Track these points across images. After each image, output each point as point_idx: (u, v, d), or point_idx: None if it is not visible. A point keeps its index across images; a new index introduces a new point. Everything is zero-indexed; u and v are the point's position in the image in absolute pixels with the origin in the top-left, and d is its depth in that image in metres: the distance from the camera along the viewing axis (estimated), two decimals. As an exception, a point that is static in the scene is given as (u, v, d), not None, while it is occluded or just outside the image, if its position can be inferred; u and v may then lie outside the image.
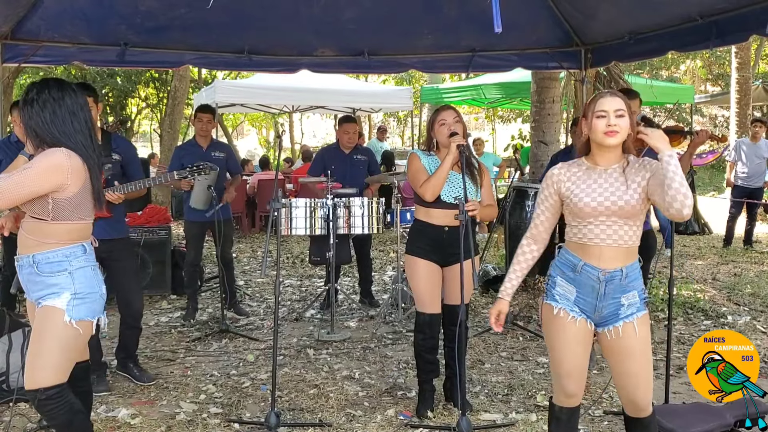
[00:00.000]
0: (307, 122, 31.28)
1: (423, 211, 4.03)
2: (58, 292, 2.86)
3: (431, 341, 4.06)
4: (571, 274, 2.85)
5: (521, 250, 2.99)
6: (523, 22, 6.11)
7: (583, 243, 2.82)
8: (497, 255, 8.25)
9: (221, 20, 5.86)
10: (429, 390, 4.13)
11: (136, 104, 20.61)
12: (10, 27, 5.57)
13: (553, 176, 2.90)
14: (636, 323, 2.82)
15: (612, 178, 2.80)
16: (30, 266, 2.88)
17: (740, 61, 14.71)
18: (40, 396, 2.84)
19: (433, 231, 3.97)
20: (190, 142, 6.34)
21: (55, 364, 2.87)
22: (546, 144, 7.51)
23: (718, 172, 18.31)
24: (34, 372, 2.85)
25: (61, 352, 2.87)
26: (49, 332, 2.85)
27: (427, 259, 3.98)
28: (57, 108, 2.89)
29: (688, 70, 25.23)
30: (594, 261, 2.80)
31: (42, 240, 2.86)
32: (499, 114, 22.65)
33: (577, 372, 2.89)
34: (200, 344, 5.48)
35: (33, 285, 2.90)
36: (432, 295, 4.00)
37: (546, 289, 2.95)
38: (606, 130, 2.74)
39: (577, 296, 2.84)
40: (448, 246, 3.90)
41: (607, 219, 2.77)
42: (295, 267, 8.73)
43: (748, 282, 7.49)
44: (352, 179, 6.37)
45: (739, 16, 4.73)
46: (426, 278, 3.99)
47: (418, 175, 3.98)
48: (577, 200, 2.80)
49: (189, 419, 4.02)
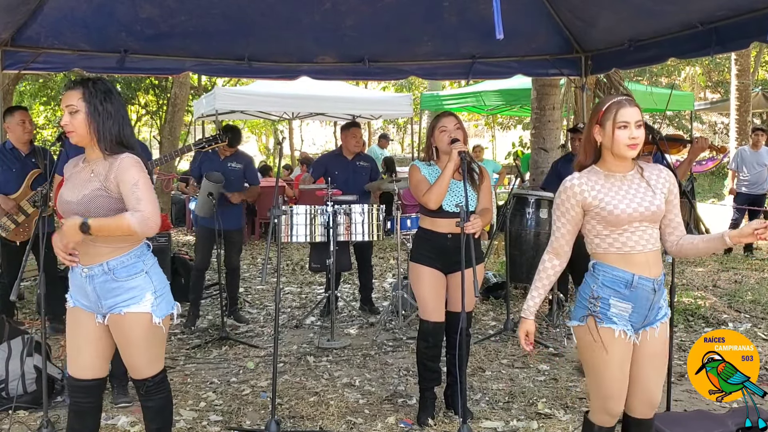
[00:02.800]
0: (306, 129, 31.28)
1: (428, 221, 4.04)
2: (139, 295, 2.87)
3: (434, 350, 4.05)
4: (626, 292, 2.75)
5: (543, 266, 2.89)
6: (523, 29, 6.12)
7: (626, 253, 2.75)
8: (497, 262, 8.23)
9: (221, 27, 5.88)
10: (430, 398, 4.12)
11: (136, 111, 20.59)
12: (10, 34, 5.58)
13: (574, 187, 2.78)
14: (667, 323, 2.86)
15: (635, 183, 2.78)
16: (105, 274, 2.84)
17: (740, 68, 14.74)
18: (149, 384, 3.00)
19: (437, 239, 3.97)
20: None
21: (153, 358, 2.99)
22: (546, 151, 7.51)
23: (718, 179, 18.31)
24: (140, 370, 2.98)
25: (156, 347, 2.99)
26: (142, 337, 2.91)
27: (431, 266, 3.98)
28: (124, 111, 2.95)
29: (688, 77, 25.25)
30: (645, 271, 2.75)
31: (117, 245, 2.84)
32: (498, 121, 22.65)
33: (624, 392, 2.84)
34: (200, 351, 5.46)
35: (107, 293, 2.86)
36: (436, 303, 3.99)
37: (597, 312, 2.77)
38: (629, 142, 2.70)
39: (632, 312, 2.77)
40: (452, 254, 3.86)
41: (641, 224, 2.74)
42: (295, 274, 8.72)
43: (749, 289, 7.48)
44: (355, 186, 6.37)
45: (739, 23, 4.74)
46: (430, 286, 3.98)
47: (420, 185, 3.99)
48: (611, 208, 2.72)
49: (189, 427, 4.00)
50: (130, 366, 3.02)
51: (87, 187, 2.84)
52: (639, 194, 2.75)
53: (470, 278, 3.74)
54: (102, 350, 2.97)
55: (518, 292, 7.14)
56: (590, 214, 2.79)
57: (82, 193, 2.83)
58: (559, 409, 4.26)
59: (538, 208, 5.99)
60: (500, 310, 6.59)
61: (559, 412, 4.20)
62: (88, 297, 2.89)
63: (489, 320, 6.38)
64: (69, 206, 2.85)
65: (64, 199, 2.87)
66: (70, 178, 2.92)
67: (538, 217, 5.99)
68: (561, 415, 4.15)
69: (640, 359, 2.84)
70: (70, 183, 2.90)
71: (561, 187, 2.85)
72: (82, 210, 2.80)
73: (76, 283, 2.92)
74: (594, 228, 2.80)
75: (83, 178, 2.87)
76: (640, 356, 2.84)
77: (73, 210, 2.82)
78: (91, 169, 2.87)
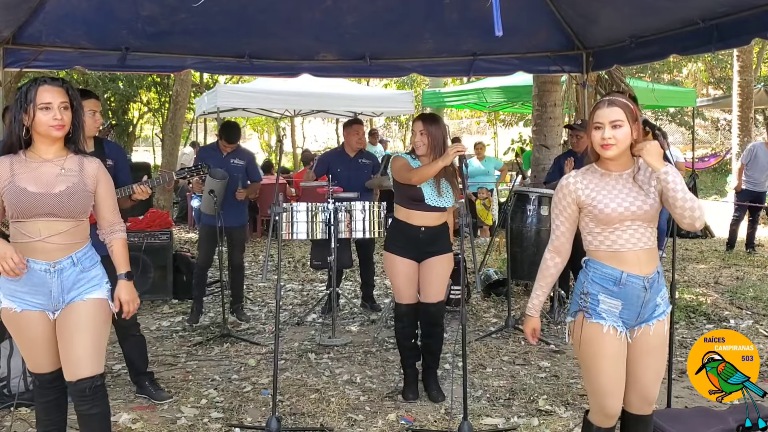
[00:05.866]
0: (308, 126, 31.29)
1: (404, 212, 4.35)
2: (99, 283, 3.00)
3: (409, 329, 4.46)
4: (615, 289, 2.78)
5: (545, 264, 2.93)
6: (524, 26, 6.11)
7: (616, 250, 2.77)
8: (498, 259, 8.24)
9: (222, 25, 5.87)
10: (412, 374, 4.49)
11: (138, 109, 20.64)
12: (11, 32, 5.58)
13: (569, 185, 2.84)
14: (665, 321, 2.86)
15: (629, 183, 2.79)
16: (73, 265, 2.93)
17: (742, 64, 14.70)
18: (97, 382, 2.96)
19: (411, 230, 4.31)
20: (212, 146, 6.51)
21: (100, 351, 3.00)
22: (548, 147, 7.51)
23: (721, 176, 18.29)
24: (97, 360, 2.96)
25: (103, 339, 3.03)
26: (101, 321, 2.98)
27: (404, 256, 4.33)
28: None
29: (690, 73, 25.19)
30: (635, 269, 2.76)
31: (80, 239, 2.97)
32: (500, 118, 22.63)
33: (620, 390, 2.85)
34: (201, 349, 5.47)
35: (74, 285, 2.94)
36: (408, 290, 4.38)
37: (587, 307, 2.81)
38: (601, 143, 2.74)
39: (623, 309, 2.79)
40: (424, 245, 4.30)
41: (633, 223, 2.75)
42: (297, 271, 8.73)
43: (751, 286, 7.47)
44: (357, 183, 6.37)
45: (740, 20, 4.73)
46: (403, 274, 4.35)
47: (405, 167, 4.28)
48: (602, 207, 2.75)
49: (190, 424, 4.01)
50: (73, 361, 2.91)
51: (61, 182, 2.89)
52: (632, 194, 2.76)
53: (443, 267, 4.31)
54: (55, 345, 2.98)
55: (519, 289, 7.15)
56: (584, 212, 2.83)
57: (57, 188, 2.88)
58: (560, 406, 4.26)
59: (539, 205, 6.00)
60: (501, 307, 6.60)
61: (559, 409, 4.20)
62: (50, 294, 2.91)
63: (490, 317, 6.38)
64: (37, 198, 2.84)
65: (29, 191, 2.84)
66: (20, 173, 2.87)
67: (539, 214, 6.00)
68: (562, 412, 4.15)
69: (635, 356, 2.85)
70: (27, 176, 2.87)
71: (558, 186, 2.91)
72: (57, 203, 2.86)
73: (34, 283, 2.89)
74: (587, 225, 2.85)
75: (49, 173, 2.90)
76: (635, 353, 2.85)
77: (46, 202, 2.85)
78: (61, 165, 2.92)
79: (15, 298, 2.91)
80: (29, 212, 2.85)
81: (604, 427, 2.92)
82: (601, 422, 2.91)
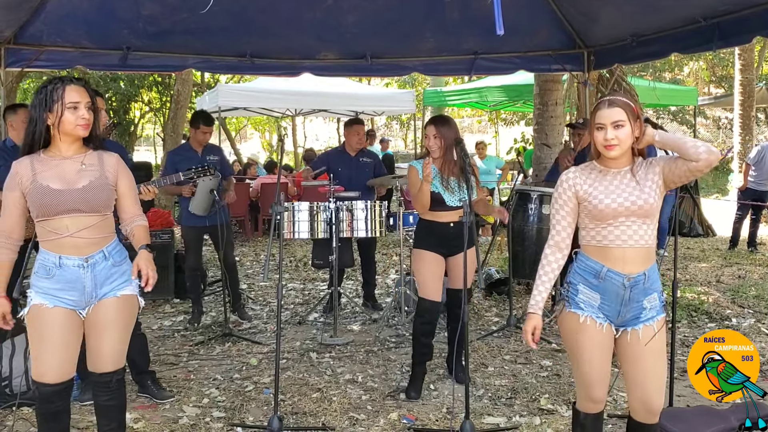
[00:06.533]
0: (309, 126, 31.31)
1: (430, 213, 4.39)
2: (129, 279, 3.03)
3: (429, 326, 4.42)
4: (594, 281, 2.81)
5: (546, 260, 2.92)
6: (525, 24, 6.11)
7: (604, 246, 2.79)
8: (500, 258, 8.23)
9: (223, 24, 5.87)
10: (420, 372, 4.46)
11: (139, 108, 20.64)
12: (12, 32, 5.59)
13: (569, 180, 2.87)
14: (655, 326, 2.82)
15: (626, 179, 2.80)
16: (105, 260, 2.98)
17: (744, 62, 14.67)
18: (118, 375, 3.06)
19: (440, 227, 4.38)
20: (185, 147, 6.31)
21: (124, 348, 3.09)
22: (549, 146, 7.51)
23: (722, 175, 18.26)
24: (122, 355, 3.06)
25: (129, 335, 3.11)
26: (130, 317, 3.07)
27: (433, 251, 4.38)
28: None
29: (692, 72, 25.17)
30: (618, 266, 2.77)
31: (107, 233, 3.01)
32: (502, 117, 22.63)
33: (604, 378, 2.87)
34: (203, 348, 5.48)
35: (108, 279, 2.99)
36: (434, 284, 4.37)
37: (567, 296, 2.87)
38: (604, 143, 2.75)
39: (602, 303, 2.81)
40: (453, 239, 4.31)
41: (627, 219, 2.76)
42: (298, 270, 8.73)
43: (753, 284, 7.46)
44: (358, 182, 6.37)
45: (741, 18, 4.73)
46: (430, 269, 4.37)
47: (414, 184, 4.41)
48: (597, 202, 2.78)
49: (192, 423, 4.02)
50: (101, 357, 3.01)
51: (83, 177, 2.94)
52: (627, 189, 2.77)
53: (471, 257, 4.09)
54: (75, 350, 2.99)
55: (521, 288, 7.15)
56: (581, 206, 2.86)
57: (80, 183, 2.92)
58: (562, 404, 4.26)
59: (540, 204, 5.99)
60: (503, 306, 6.59)
61: (561, 408, 4.20)
62: (83, 289, 2.93)
63: (492, 316, 6.38)
64: (62, 195, 2.88)
65: (52, 188, 2.87)
66: (44, 172, 2.91)
67: (540, 213, 5.99)
68: (563, 411, 4.15)
69: (628, 359, 2.87)
70: (49, 174, 2.90)
71: (558, 181, 2.93)
72: (81, 198, 2.90)
73: (68, 279, 2.92)
74: (583, 220, 2.88)
75: (70, 169, 2.94)
76: (627, 356, 2.87)
77: (70, 198, 2.88)
78: (81, 161, 2.96)
79: (48, 296, 2.94)
80: (54, 209, 2.88)
81: (591, 413, 2.96)
82: (588, 408, 2.95)
